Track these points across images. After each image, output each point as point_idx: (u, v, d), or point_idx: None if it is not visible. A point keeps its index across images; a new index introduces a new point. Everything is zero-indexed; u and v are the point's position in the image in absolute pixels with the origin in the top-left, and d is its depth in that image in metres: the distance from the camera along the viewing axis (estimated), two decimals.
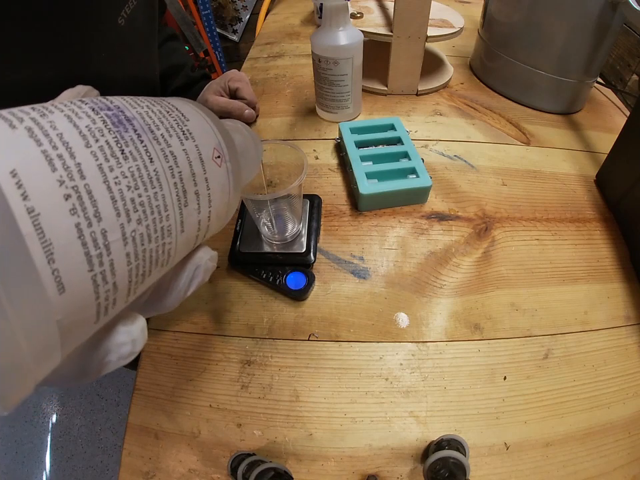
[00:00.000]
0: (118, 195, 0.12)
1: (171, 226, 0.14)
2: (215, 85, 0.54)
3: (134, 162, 0.12)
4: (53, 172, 0.10)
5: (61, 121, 0.11)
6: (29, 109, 0.11)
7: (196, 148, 0.16)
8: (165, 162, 0.14)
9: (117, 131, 0.12)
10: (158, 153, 0.14)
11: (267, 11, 0.91)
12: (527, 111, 0.56)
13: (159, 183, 0.13)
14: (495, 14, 0.55)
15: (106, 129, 0.12)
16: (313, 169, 0.47)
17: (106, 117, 0.12)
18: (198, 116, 0.17)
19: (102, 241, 0.11)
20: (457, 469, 0.24)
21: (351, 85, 0.49)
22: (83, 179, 0.11)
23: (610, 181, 0.44)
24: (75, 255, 0.10)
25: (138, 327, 0.14)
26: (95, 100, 0.13)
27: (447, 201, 0.43)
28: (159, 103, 0.16)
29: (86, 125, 0.12)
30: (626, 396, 0.31)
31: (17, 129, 0.10)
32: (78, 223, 0.10)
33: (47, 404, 1.14)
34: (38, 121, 0.11)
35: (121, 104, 0.13)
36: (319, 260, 0.38)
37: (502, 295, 0.36)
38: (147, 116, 0.14)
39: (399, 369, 0.32)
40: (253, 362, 0.33)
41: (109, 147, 0.12)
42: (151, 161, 0.13)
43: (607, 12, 0.45)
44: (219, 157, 0.17)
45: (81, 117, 0.12)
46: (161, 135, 0.14)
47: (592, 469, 0.28)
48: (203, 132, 0.17)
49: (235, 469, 0.26)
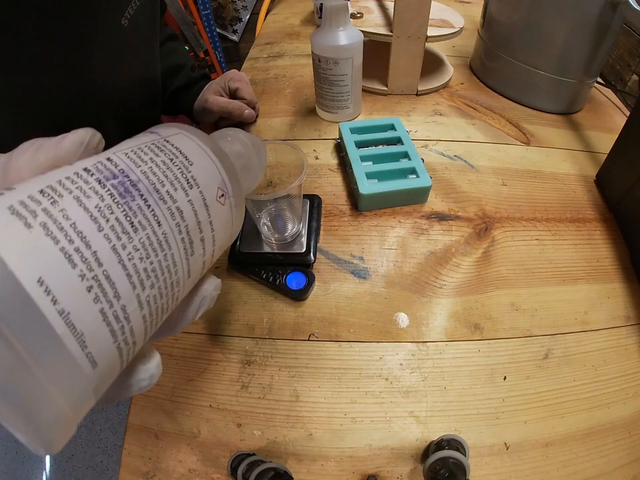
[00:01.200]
0: (132, 270, 0.13)
1: (179, 277, 0.15)
2: (214, 85, 0.54)
3: (143, 232, 0.13)
4: (74, 268, 0.11)
5: (71, 206, 0.11)
6: (39, 195, 0.11)
7: (200, 194, 0.16)
8: (172, 220, 0.14)
9: (125, 203, 0.13)
10: (165, 214, 0.14)
11: (267, 10, 0.91)
12: (527, 111, 0.56)
13: (168, 244, 0.14)
14: (495, 14, 0.55)
15: (114, 204, 0.13)
16: (312, 169, 0.47)
17: (112, 188, 0.13)
18: (201, 153, 0.17)
19: (122, 315, 0.12)
20: (457, 469, 0.24)
21: (351, 84, 0.49)
22: (100, 266, 0.12)
23: (610, 181, 0.44)
24: (102, 335, 0.12)
25: (154, 364, 0.16)
26: (100, 166, 0.13)
27: (447, 201, 0.43)
28: (163, 148, 0.16)
29: (95, 204, 0.12)
30: (626, 396, 0.31)
31: (33, 229, 0.10)
32: (102, 309, 0.11)
33: None
34: (51, 212, 0.11)
35: (126, 165, 0.14)
36: (319, 260, 0.38)
37: (502, 295, 0.36)
38: (152, 173, 0.14)
39: (398, 369, 0.32)
40: (253, 362, 0.33)
41: (119, 224, 0.12)
42: (159, 225, 0.14)
43: (607, 12, 0.45)
44: (223, 195, 0.17)
45: (90, 196, 0.12)
46: (166, 192, 0.14)
47: (592, 469, 0.28)
48: (207, 173, 0.17)
49: (235, 469, 0.26)
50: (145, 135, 0.17)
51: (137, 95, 0.42)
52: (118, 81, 0.37)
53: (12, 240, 0.10)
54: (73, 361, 0.11)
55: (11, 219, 0.10)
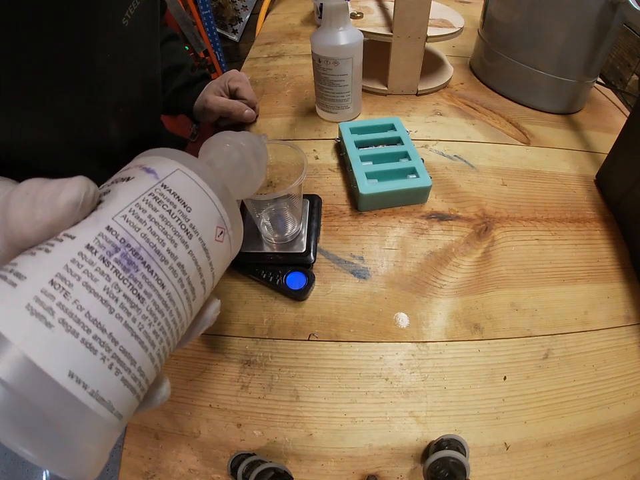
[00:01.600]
0: (144, 337, 0.14)
1: (184, 322, 0.16)
2: (214, 85, 0.54)
3: (149, 299, 0.14)
4: (95, 354, 0.12)
5: (82, 295, 0.12)
6: (51, 288, 0.12)
7: (200, 241, 0.17)
8: (175, 277, 0.15)
9: (130, 276, 0.14)
10: (167, 274, 0.15)
11: (267, 10, 0.91)
12: (527, 111, 0.56)
13: (172, 301, 0.15)
14: (495, 14, 0.55)
15: (120, 281, 0.13)
16: (313, 169, 0.47)
17: (116, 263, 0.13)
18: (199, 194, 0.17)
19: (139, 374, 0.14)
20: (457, 469, 0.24)
21: (351, 84, 0.49)
22: (116, 344, 0.13)
23: (610, 181, 0.44)
24: (125, 396, 0.14)
25: (165, 387, 0.18)
26: (101, 241, 0.14)
27: (447, 200, 0.43)
28: (161, 199, 0.15)
29: (103, 286, 0.13)
30: (626, 396, 0.31)
31: (54, 327, 0.12)
32: (122, 377, 0.13)
33: None
34: (65, 306, 0.12)
35: (126, 233, 0.14)
36: (319, 260, 0.38)
37: (502, 295, 0.36)
38: (152, 234, 0.15)
39: (398, 368, 0.32)
40: (253, 362, 0.33)
41: (127, 300, 0.13)
42: (163, 287, 0.15)
43: (607, 12, 0.45)
44: (222, 233, 0.18)
45: (97, 279, 0.13)
46: (167, 250, 0.15)
47: (592, 469, 0.28)
48: (206, 215, 0.17)
49: (235, 469, 0.26)
50: (142, 175, 0.16)
51: (138, 95, 0.42)
52: (118, 80, 0.37)
53: (37, 342, 0.11)
54: (104, 422, 0.13)
55: (32, 321, 0.11)
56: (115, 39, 0.35)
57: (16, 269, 0.12)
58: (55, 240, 0.13)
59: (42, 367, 0.11)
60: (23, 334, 0.11)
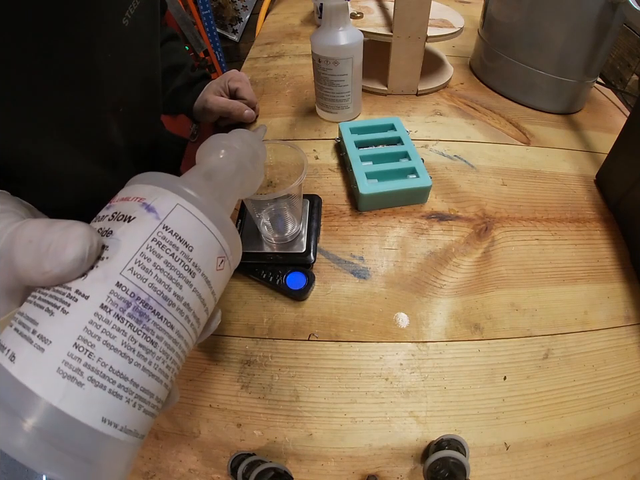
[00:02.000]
0: (159, 373, 0.16)
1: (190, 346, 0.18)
2: (214, 85, 0.54)
3: (161, 342, 0.16)
4: (121, 399, 0.14)
5: (104, 353, 0.14)
6: (76, 351, 0.14)
7: (203, 277, 0.18)
8: (182, 316, 0.17)
9: (143, 327, 0.15)
10: (175, 315, 0.16)
11: (267, 10, 0.91)
12: (527, 111, 0.56)
13: (181, 337, 0.17)
14: (495, 14, 0.55)
15: (135, 333, 0.15)
16: (312, 169, 0.47)
17: (129, 317, 0.15)
18: (199, 229, 0.18)
19: (156, 402, 0.16)
20: (457, 469, 0.24)
21: (351, 85, 0.49)
22: (137, 386, 0.15)
23: (610, 181, 0.44)
24: (147, 421, 0.16)
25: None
26: (114, 299, 0.15)
27: (447, 200, 0.43)
28: (164, 244, 0.16)
29: (121, 341, 0.15)
30: (626, 396, 0.31)
31: (84, 386, 0.13)
32: (145, 409, 0.15)
33: None
34: (91, 365, 0.14)
35: (135, 287, 0.15)
36: (319, 260, 0.38)
37: (502, 295, 0.36)
38: (158, 281, 0.16)
39: (398, 369, 0.32)
40: (253, 362, 0.33)
41: (143, 348, 0.15)
42: (172, 328, 0.16)
43: (607, 12, 0.45)
44: (222, 261, 0.19)
45: (115, 336, 0.14)
46: (173, 294, 0.16)
47: (592, 469, 0.28)
48: (207, 250, 0.18)
49: (235, 469, 0.26)
50: (143, 215, 0.16)
51: (138, 94, 0.42)
52: (118, 80, 0.37)
53: (72, 400, 0.13)
54: (131, 446, 0.15)
55: (65, 383, 0.13)
56: (115, 38, 0.35)
57: (39, 331, 0.14)
58: (69, 298, 0.14)
59: (79, 420, 0.13)
60: (59, 396, 0.13)
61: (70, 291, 0.14)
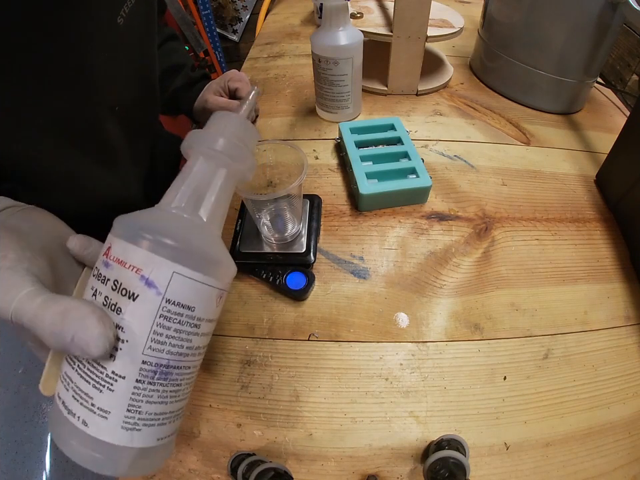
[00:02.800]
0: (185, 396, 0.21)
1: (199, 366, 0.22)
2: (214, 85, 0.54)
3: (184, 380, 0.20)
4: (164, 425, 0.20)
5: (147, 407, 0.19)
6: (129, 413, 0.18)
7: (207, 322, 0.20)
8: (195, 356, 0.20)
9: (169, 381, 0.19)
10: (190, 361, 0.20)
11: (267, 10, 0.90)
12: (527, 111, 0.56)
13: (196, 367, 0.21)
14: (495, 14, 0.55)
15: (164, 387, 0.19)
16: (313, 169, 0.47)
17: (158, 380, 0.19)
18: (198, 288, 0.19)
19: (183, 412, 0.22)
20: (457, 469, 0.24)
21: (351, 85, 0.49)
22: (172, 412, 0.20)
23: (610, 181, 0.44)
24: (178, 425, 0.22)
25: None
26: (144, 374, 0.18)
27: (447, 201, 0.43)
28: (170, 317, 0.18)
29: (157, 396, 0.19)
30: (626, 396, 0.31)
31: (142, 429, 0.19)
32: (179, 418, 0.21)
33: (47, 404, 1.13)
34: (143, 417, 0.19)
35: (156, 359, 0.18)
36: (319, 260, 0.38)
37: (502, 295, 0.36)
38: (172, 346, 0.19)
39: (398, 369, 0.32)
40: (253, 362, 0.33)
41: (172, 392, 0.20)
42: (189, 369, 0.20)
43: (607, 12, 0.45)
44: (220, 297, 0.21)
45: (151, 395, 0.19)
46: (186, 348, 0.19)
47: (592, 469, 0.28)
48: (207, 302, 0.20)
49: (235, 469, 0.26)
50: (145, 292, 0.18)
51: (135, 94, 0.42)
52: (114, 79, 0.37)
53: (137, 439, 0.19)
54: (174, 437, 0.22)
55: (129, 433, 0.18)
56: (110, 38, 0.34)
57: (97, 404, 0.18)
58: (110, 379, 0.18)
59: (145, 446, 0.19)
60: (128, 441, 0.18)
61: (107, 371, 0.18)
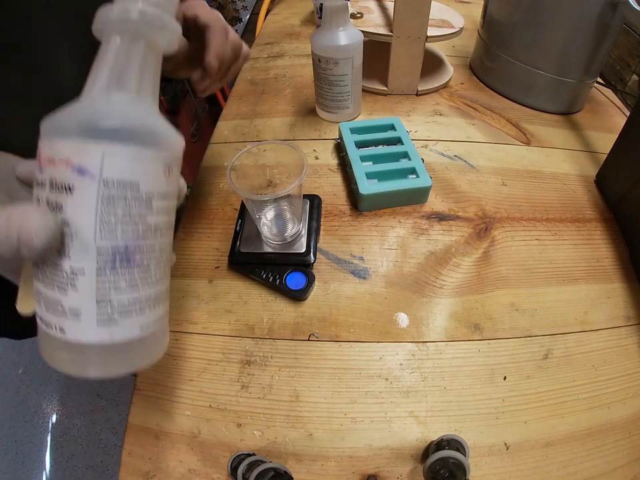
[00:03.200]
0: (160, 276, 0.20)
1: (171, 237, 0.21)
2: None
3: (151, 261, 0.19)
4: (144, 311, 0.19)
5: (118, 296, 0.18)
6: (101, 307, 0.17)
7: (158, 198, 0.19)
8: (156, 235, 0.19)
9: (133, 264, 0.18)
10: (151, 239, 0.19)
11: (267, 10, 0.90)
12: (527, 111, 0.56)
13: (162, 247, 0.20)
14: (495, 14, 0.55)
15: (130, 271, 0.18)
16: (313, 169, 0.47)
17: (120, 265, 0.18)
18: (135, 162, 0.17)
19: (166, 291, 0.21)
20: (457, 469, 0.24)
21: (351, 85, 0.49)
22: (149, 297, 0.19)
23: (610, 181, 0.44)
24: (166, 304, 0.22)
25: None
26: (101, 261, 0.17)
27: (447, 201, 0.43)
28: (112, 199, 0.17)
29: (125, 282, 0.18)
30: (626, 396, 0.31)
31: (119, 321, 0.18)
32: (162, 301, 0.21)
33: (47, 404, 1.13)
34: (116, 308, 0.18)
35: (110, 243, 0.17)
36: (319, 260, 0.38)
37: (502, 295, 0.36)
38: (125, 228, 0.17)
39: (398, 369, 0.32)
40: (253, 362, 0.33)
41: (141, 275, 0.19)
42: (153, 248, 0.19)
43: (607, 12, 0.45)
44: (168, 169, 0.19)
45: (118, 282, 0.18)
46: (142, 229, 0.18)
47: (592, 469, 0.28)
48: (152, 175, 0.18)
49: (235, 469, 0.26)
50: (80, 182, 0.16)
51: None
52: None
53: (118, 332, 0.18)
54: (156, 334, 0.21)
55: (107, 329, 0.18)
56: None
57: (67, 306, 0.17)
58: (71, 276, 0.17)
59: (129, 339, 0.18)
60: (109, 335, 0.18)
61: (65, 269, 0.17)
